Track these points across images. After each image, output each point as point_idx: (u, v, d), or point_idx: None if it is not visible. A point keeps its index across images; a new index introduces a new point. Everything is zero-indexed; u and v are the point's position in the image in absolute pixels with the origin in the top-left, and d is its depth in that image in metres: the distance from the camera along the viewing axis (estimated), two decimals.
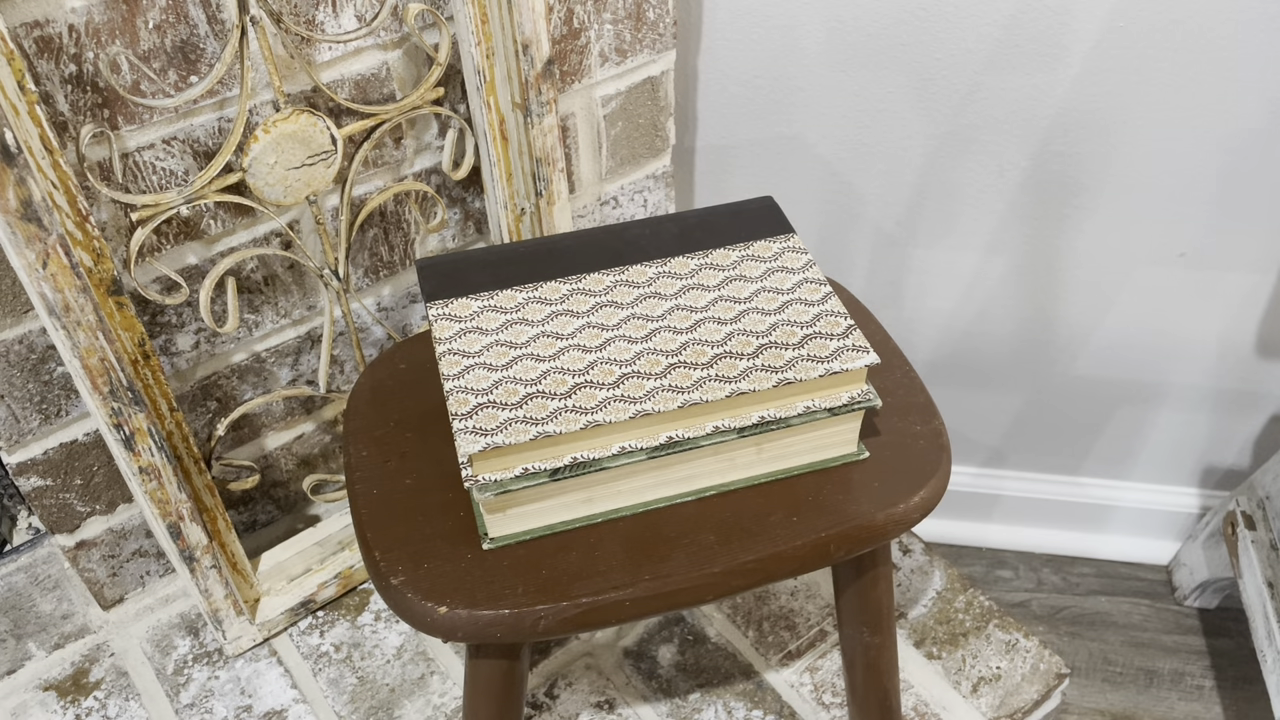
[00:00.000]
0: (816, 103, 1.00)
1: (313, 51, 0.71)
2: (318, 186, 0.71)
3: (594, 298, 0.60)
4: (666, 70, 0.90)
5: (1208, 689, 1.31)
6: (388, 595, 0.54)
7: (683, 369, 0.55)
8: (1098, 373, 1.19)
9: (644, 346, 0.56)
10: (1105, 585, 1.42)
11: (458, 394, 0.54)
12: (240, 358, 0.80)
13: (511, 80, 0.74)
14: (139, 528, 0.81)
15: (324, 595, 0.84)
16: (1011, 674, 0.82)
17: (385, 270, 0.84)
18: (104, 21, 0.62)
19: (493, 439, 0.51)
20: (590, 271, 0.62)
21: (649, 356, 0.56)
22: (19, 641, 0.83)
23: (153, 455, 0.69)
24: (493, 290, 0.61)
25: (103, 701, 0.80)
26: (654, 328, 0.58)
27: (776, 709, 0.79)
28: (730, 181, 1.08)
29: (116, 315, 0.65)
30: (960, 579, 0.88)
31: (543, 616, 0.52)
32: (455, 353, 0.57)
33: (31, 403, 0.71)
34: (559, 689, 0.81)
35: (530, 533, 0.55)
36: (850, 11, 0.94)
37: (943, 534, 1.44)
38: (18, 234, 0.58)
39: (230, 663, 0.82)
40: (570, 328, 0.58)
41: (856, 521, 0.55)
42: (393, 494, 0.57)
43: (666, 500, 0.57)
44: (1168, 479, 1.34)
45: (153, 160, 0.68)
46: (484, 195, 0.83)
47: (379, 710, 0.79)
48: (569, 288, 0.61)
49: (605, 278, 0.61)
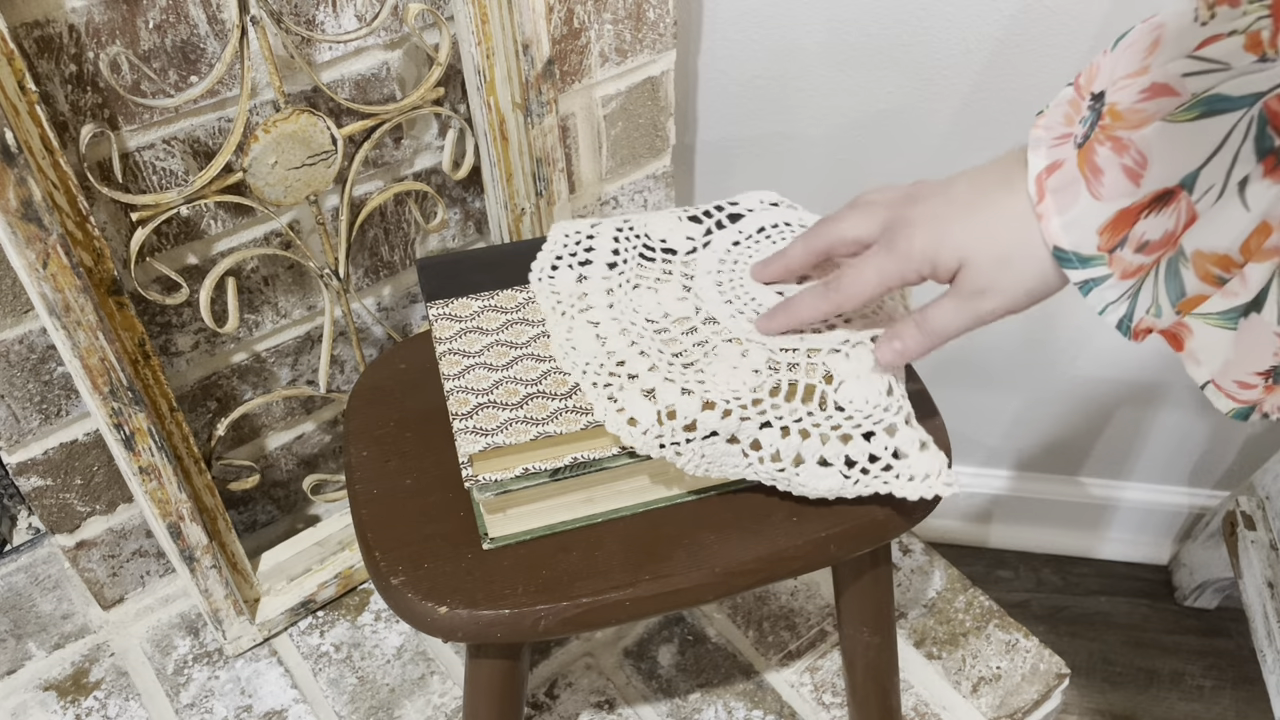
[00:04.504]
0: (816, 102, 1.00)
1: (313, 51, 0.71)
2: (318, 186, 0.71)
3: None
4: (667, 70, 0.90)
5: (1208, 689, 1.31)
6: (388, 595, 0.54)
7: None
8: (1098, 373, 1.19)
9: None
10: (1105, 585, 1.42)
11: (458, 394, 0.54)
12: (240, 358, 0.80)
13: (512, 80, 0.74)
14: (139, 528, 0.81)
15: (324, 595, 0.84)
16: (1011, 674, 0.82)
17: (385, 270, 0.84)
18: (104, 21, 0.62)
19: (493, 439, 0.51)
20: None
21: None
22: (19, 641, 0.83)
23: (153, 455, 0.69)
24: (493, 290, 0.61)
25: (103, 701, 0.80)
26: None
27: (777, 709, 0.79)
28: (730, 181, 1.08)
29: (116, 315, 0.65)
30: (960, 579, 0.88)
31: (543, 616, 0.52)
32: (455, 353, 0.57)
33: (31, 403, 0.71)
34: (559, 689, 0.81)
35: (530, 533, 0.55)
36: (850, 11, 0.94)
37: (943, 534, 1.44)
38: (18, 234, 0.58)
39: (230, 663, 0.82)
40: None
41: (856, 521, 0.55)
42: (393, 494, 0.57)
43: (666, 500, 0.56)
44: (1168, 479, 1.34)
45: (153, 160, 0.68)
46: (484, 195, 0.83)
47: (379, 710, 0.79)
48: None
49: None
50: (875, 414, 0.52)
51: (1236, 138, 0.41)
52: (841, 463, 0.53)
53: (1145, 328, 0.46)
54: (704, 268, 0.60)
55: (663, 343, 0.55)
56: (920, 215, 0.50)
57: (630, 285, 0.59)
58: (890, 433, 0.53)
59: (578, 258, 0.62)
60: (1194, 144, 0.41)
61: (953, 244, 0.48)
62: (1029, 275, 0.47)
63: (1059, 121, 0.46)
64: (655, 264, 0.61)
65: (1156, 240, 0.44)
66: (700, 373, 0.53)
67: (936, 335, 0.51)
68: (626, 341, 0.56)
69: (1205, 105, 0.41)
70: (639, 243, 0.62)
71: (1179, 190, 0.43)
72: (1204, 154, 0.42)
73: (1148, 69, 0.42)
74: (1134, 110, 0.42)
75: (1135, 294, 0.45)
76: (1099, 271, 0.45)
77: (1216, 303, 0.45)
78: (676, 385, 0.52)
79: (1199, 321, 0.46)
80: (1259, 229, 0.43)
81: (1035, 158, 0.46)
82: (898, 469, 0.53)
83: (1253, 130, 0.41)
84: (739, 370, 0.53)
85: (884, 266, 0.51)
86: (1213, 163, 0.42)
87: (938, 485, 0.53)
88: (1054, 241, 0.45)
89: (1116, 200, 0.43)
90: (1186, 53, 0.40)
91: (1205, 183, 0.42)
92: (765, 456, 0.53)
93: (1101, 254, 0.45)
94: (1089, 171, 0.44)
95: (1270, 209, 0.42)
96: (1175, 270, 0.45)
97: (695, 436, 0.51)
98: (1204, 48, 0.40)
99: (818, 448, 0.52)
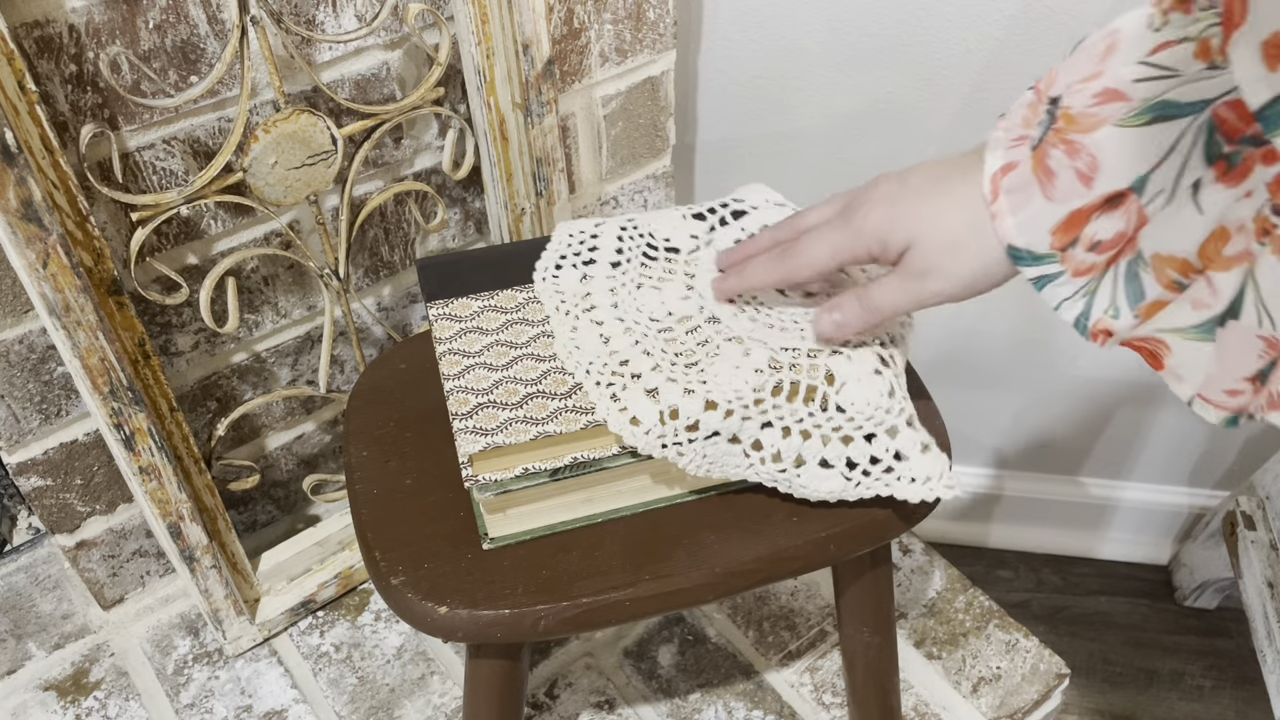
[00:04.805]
0: (817, 102, 1.00)
1: (313, 51, 0.71)
2: (318, 186, 0.71)
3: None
4: (667, 70, 0.90)
5: (1208, 689, 1.31)
6: (388, 595, 0.54)
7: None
8: (1098, 373, 1.19)
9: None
10: (1105, 585, 1.42)
11: (458, 394, 0.54)
12: (240, 358, 0.80)
13: (512, 80, 0.74)
14: (139, 528, 0.81)
15: (324, 595, 0.84)
16: (1011, 674, 0.82)
17: (385, 270, 0.84)
18: (104, 21, 0.62)
19: (493, 439, 0.51)
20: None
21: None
22: (19, 641, 0.83)
23: (153, 455, 0.69)
24: (492, 290, 0.61)
25: (103, 701, 0.80)
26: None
27: (777, 709, 0.79)
28: (730, 181, 1.07)
29: (116, 315, 0.65)
30: (960, 579, 0.88)
31: (543, 616, 0.52)
32: (455, 353, 0.57)
33: (31, 403, 0.71)
34: (559, 689, 0.81)
35: (530, 533, 0.55)
36: (850, 11, 0.94)
37: (943, 534, 1.44)
38: (18, 234, 0.58)
39: (230, 663, 0.82)
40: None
41: (856, 521, 0.55)
42: (393, 494, 0.57)
43: (666, 500, 0.56)
44: (1168, 479, 1.34)
45: (153, 160, 0.68)
46: (484, 195, 0.83)
47: (379, 710, 0.79)
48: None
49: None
50: (877, 415, 0.52)
51: (1186, 143, 0.42)
52: (843, 464, 0.53)
53: (1103, 329, 0.47)
54: (706, 266, 0.60)
55: (666, 342, 0.55)
56: (877, 196, 0.52)
57: (634, 285, 0.59)
58: (892, 434, 0.53)
59: (581, 257, 0.62)
60: (1144, 149, 0.42)
61: (904, 224, 0.50)
62: (973, 265, 0.48)
63: (1017, 124, 0.47)
64: (659, 263, 0.61)
65: (1108, 240, 0.45)
66: (702, 372, 0.53)
67: (876, 311, 0.52)
68: (630, 341, 0.55)
69: (1155, 111, 0.42)
70: (642, 242, 0.62)
71: (1129, 193, 0.43)
72: (1154, 159, 0.42)
73: (1101, 74, 0.43)
74: (1086, 114, 0.43)
75: (1092, 293, 0.47)
76: (1052, 268, 0.46)
77: (1189, 315, 0.46)
78: (679, 385, 0.52)
79: (1175, 338, 0.47)
80: (1216, 234, 0.44)
81: (992, 158, 0.47)
82: (899, 471, 0.53)
83: (1202, 136, 0.41)
84: (741, 370, 0.53)
85: (837, 239, 0.53)
86: (1162, 167, 0.43)
87: (939, 488, 0.53)
88: (1008, 240, 0.46)
89: (1068, 202, 0.45)
90: (1139, 59, 0.41)
91: (1155, 187, 0.43)
92: (766, 457, 0.53)
93: (1054, 252, 0.46)
94: (1042, 174, 0.45)
95: (1224, 213, 0.43)
96: (1135, 274, 0.46)
97: (697, 437, 0.51)
98: (1156, 54, 0.41)
99: (819, 449, 0.52)
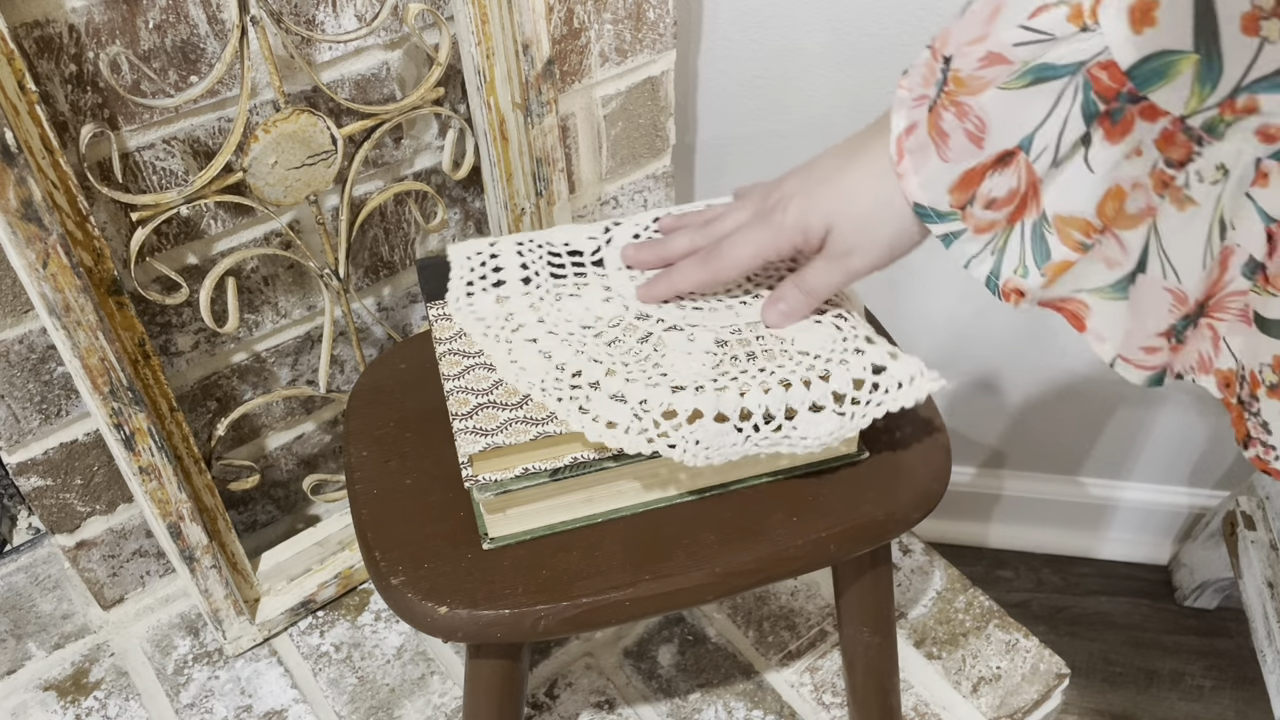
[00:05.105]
0: (817, 102, 1.00)
1: (313, 51, 0.71)
2: (318, 186, 0.71)
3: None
4: (666, 70, 0.90)
5: (1208, 689, 1.31)
6: (388, 595, 0.54)
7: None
8: (1098, 373, 1.19)
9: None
10: (1105, 585, 1.42)
11: (458, 394, 0.54)
12: (240, 358, 0.81)
13: (512, 80, 0.74)
14: (139, 528, 0.81)
15: (324, 595, 0.84)
16: (1011, 674, 0.82)
17: (385, 270, 0.84)
18: (104, 21, 0.62)
19: (493, 439, 0.51)
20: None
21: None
22: (19, 641, 0.83)
23: (153, 455, 0.69)
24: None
25: (103, 701, 0.80)
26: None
27: (777, 709, 0.79)
28: (730, 181, 1.07)
29: (116, 315, 0.65)
30: (960, 579, 0.88)
31: (543, 616, 0.52)
32: (455, 353, 0.57)
33: (31, 403, 0.71)
34: (559, 689, 0.81)
35: (530, 533, 0.55)
36: (850, 11, 0.94)
37: (943, 534, 1.44)
38: (18, 234, 0.58)
39: (230, 663, 0.82)
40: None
41: (856, 521, 0.55)
42: (393, 494, 0.57)
43: (667, 500, 0.57)
44: (1168, 479, 1.34)
45: (153, 160, 0.68)
46: (484, 195, 0.83)
47: (379, 710, 0.79)
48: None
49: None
50: (838, 346, 0.54)
51: (1065, 104, 0.44)
52: (831, 402, 0.53)
53: (1014, 288, 0.49)
54: (614, 265, 0.61)
55: (608, 345, 0.55)
56: (790, 190, 0.54)
57: (554, 297, 0.59)
58: (860, 353, 0.54)
59: (489, 280, 0.60)
60: (1027, 109, 0.44)
61: (819, 212, 0.52)
62: (889, 232, 0.51)
63: (918, 83, 0.48)
64: (568, 271, 0.61)
65: (1002, 197, 0.47)
66: (657, 366, 0.53)
67: (814, 294, 0.55)
68: (572, 352, 0.55)
69: (1034, 73, 0.43)
70: (543, 251, 0.62)
71: (1017, 150, 0.46)
72: (1037, 119, 0.44)
73: (986, 37, 0.44)
74: (973, 77, 0.45)
75: (1000, 251, 0.49)
76: (955, 225, 0.49)
77: (1104, 274, 0.48)
78: (640, 382, 0.52)
79: (1094, 297, 0.49)
80: (1112, 192, 0.45)
81: (897, 119, 0.49)
82: (883, 382, 0.54)
83: (1079, 96, 0.43)
84: (693, 355, 0.54)
85: (759, 238, 0.55)
86: (1045, 126, 0.44)
87: (926, 385, 0.54)
88: (913, 198, 0.49)
89: (962, 162, 0.47)
90: (1020, 22, 0.43)
91: (1039, 145, 0.45)
92: (759, 422, 0.52)
93: (955, 210, 0.48)
94: (937, 135, 0.47)
95: (1115, 171, 0.45)
96: (1040, 234, 0.48)
97: (680, 421, 0.51)
98: (1035, 17, 0.43)
99: (804, 394, 0.52)
